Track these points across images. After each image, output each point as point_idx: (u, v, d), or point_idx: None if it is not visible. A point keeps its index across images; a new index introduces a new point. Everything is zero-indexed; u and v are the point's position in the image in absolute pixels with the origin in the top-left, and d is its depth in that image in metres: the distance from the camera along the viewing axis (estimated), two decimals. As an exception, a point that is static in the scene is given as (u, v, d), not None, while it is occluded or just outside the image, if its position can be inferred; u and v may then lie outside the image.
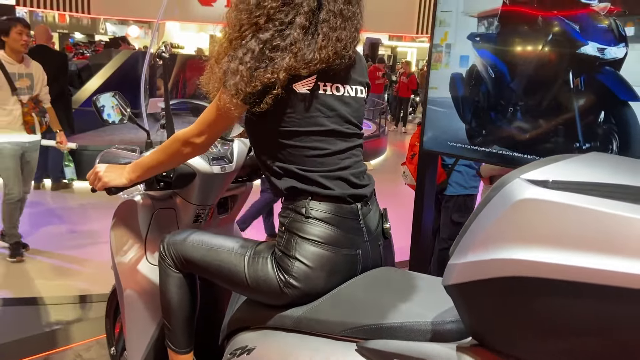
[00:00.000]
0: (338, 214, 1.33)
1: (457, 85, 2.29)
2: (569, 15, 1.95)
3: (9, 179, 3.81)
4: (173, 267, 1.53)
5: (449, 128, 2.32)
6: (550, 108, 2.01)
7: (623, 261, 0.74)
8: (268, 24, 1.28)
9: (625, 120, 1.89)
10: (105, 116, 1.76)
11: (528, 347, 0.88)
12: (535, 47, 2.03)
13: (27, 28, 3.84)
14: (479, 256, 0.87)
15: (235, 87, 1.26)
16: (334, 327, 1.21)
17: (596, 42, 1.94)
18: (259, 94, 1.27)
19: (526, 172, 0.86)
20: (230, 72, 1.28)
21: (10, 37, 3.74)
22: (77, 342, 2.75)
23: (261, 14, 1.28)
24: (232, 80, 1.27)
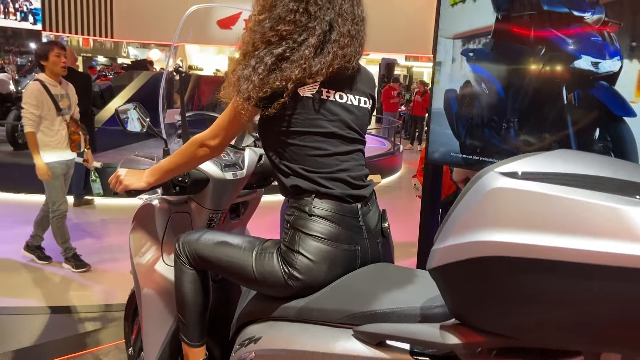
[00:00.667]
0: (339, 212, 1.44)
1: (450, 102, 2.40)
2: (562, 29, 2.03)
3: (58, 196, 3.99)
4: (187, 264, 1.65)
5: (452, 140, 2.42)
6: (545, 124, 2.08)
7: (583, 240, 0.83)
8: (281, 41, 1.41)
9: (620, 136, 1.94)
10: (126, 125, 1.91)
11: (502, 322, 0.96)
12: (528, 62, 2.12)
13: (63, 50, 4.05)
14: (457, 240, 0.97)
15: (248, 93, 1.39)
16: (332, 315, 1.31)
17: (590, 55, 2.02)
18: (268, 99, 1.40)
19: (499, 167, 0.97)
20: (244, 78, 1.40)
21: (50, 60, 3.94)
22: (97, 346, 2.87)
23: (274, 34, 1.41)
24: (244, 85, 1.40)
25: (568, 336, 0.91)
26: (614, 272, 0.81)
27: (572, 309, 0.87)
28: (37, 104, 3.79)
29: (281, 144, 1.48)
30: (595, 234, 0.83)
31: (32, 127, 3.78)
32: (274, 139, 1.49)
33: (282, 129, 1.45)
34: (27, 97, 3.83)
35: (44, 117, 3.83)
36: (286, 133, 1.45)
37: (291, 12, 1.40)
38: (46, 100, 3.86)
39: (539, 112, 2.08)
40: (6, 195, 6.39)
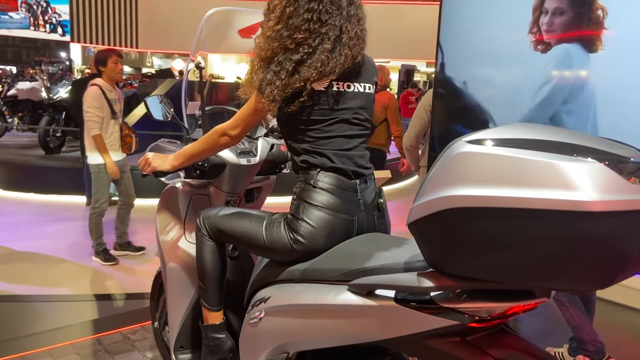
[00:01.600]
0: (340, 187, 1.63)
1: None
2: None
3: (103, 195, 4.29)
4: (207, 237, 1.86)
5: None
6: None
7: (529, 190, 1.01)
8: (298, 47, 1.59)
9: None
10: (153, 114, 2.13)
11: (468, 266, 1.14)
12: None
13: (120, 57, 4.36)
14: (429, 197, 1.15)
15: (273, 95, 1.58)
16: (330, 274, 1.50)
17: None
18: (289, 99, 1.60)
19: (466, 137, 1.15)
20: (266, 82, 1.60)
21: (108, 66, 4.26)
22: (125, 327, 3.10)
23: (291, 41, 1.60)
24: (268, 89, 1.59)
25: (521, 274, 1.07)
26: (553, 215, 0.99)
27: (522, 249, 1.04)
28: (100, 106, 4.08)
29: (298, 131, 1.67)
30: (538, 185, 1.01)
31: (99, 129, 4.07)
32: (292, 128, 1.69)
33: (300, 119, 1.65)
34: (89, 101, 4.09)
35: (104, 119, 4.13)
36: (303, 122, 1.65)
37: (306, 21, 1.59)
38: (104, 104, 4.14)
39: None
40: (39, 196, 6.72)
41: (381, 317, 1.35)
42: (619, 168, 1.00)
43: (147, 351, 2.84)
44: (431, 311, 1.24)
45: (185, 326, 2.15)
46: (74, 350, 2.82)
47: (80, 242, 4.95)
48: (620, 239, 0.98)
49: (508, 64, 2.25)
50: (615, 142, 1.15)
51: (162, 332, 2.45)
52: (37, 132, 8.32)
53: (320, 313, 1.49)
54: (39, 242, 4.83)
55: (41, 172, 7.11)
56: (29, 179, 6.98)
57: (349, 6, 1.64)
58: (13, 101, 9.65)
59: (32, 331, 3.05)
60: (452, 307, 1.21)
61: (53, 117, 8.17)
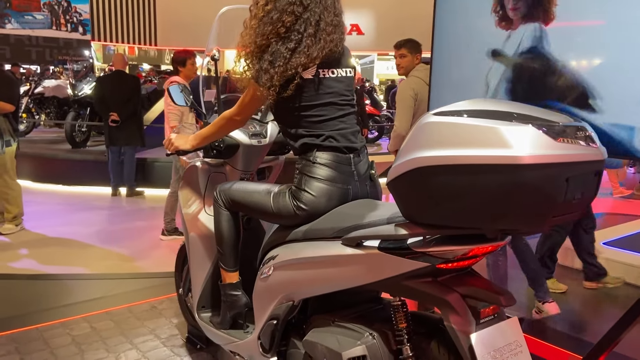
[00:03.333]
0: (335, 161, 1.89)
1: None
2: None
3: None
4: (223, 207, 2.14)
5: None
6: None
7: (476, 150, 1.27)
8: (288, 33, 1.85)
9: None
10: (175, 100, 2.42)
11: (433, 215, 1.39)
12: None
13: (195, 58, 4.82)
14: (401, 160, 1.41)
15: (270, 82, 1.84)
16: (327, 232, 1.76)
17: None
18: (283, 85, 1.85)
19: (434, 110, 1.41)
20: (263, 71, 1.85)
21: (187, 67, 4.73)
22: (153, 297, 3.43)
23: (281, 25, 1.85)
24: (265, 77, 1.84)
25: (474, 218, 1.32)
26: (495, 168, 1.24)
27: (473, 197, 1.29)
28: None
29: (292, 116, 1.93)
30: (483, 145, 1.26)
31: (177, 121, 4.35)
32: (286, 113, 1.95)
33: (293, 105, 1.90)
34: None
35: (183, 113, 4.47)
36: (297, 109, 1.90)
37: (291, 4, 1.83)
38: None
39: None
40: (67, 188, 7.10)
41: (368, 263, 1.61)
42: (549, 130, 1.26)
43: (172, 318, 3.14)
44: (407, 256, 1.50)
45: (206, 288, 2.44)
46: (108, 317, 3.14)
47: (106, 228, 5.31)
48: (548, 186, 1.24)
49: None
50: (552, 110, 1.41)
51: (186, 298, 2.74)
52: (63, 127, 8.72)
53: (318, 264, 1.76)
54: (69, 228, 5.20)
55: (68, 165, 7.50)
56: (57, 171, 7.37)
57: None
58: (40, 98, 10.09)
59: (67, 302, 3.39)
60: (423, 251, 1.47)
61: (78, 112, 8.55)
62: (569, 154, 1.24)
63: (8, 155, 4.82)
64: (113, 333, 2.94)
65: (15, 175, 4.98)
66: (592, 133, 1.33)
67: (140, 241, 4.85)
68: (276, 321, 1.91)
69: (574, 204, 1.32)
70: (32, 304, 3.40)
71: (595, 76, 2.00)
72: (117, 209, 6.29)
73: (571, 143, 1.26)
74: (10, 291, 3.64)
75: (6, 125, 4.74)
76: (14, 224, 5.03)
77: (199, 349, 2.74)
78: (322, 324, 1.81)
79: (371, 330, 1.67)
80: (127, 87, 6.47)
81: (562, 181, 1.24)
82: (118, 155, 6.62)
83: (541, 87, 2.21)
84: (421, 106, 3.71)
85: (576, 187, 1.28)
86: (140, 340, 2.86)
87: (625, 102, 1.92)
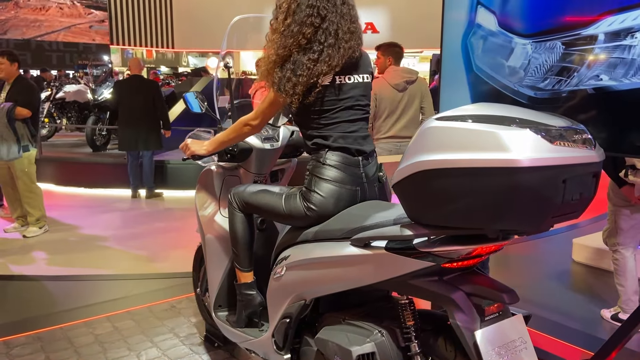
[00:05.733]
0: (345, 163, 1.95)
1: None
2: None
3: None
4: (237, 209, 2.21)
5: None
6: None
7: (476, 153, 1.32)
8: (309, 44, 1.90)
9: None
10: (190, 107, 2.51)
11: (436, 216, 1.44)
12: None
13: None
14: (406, 163, 1.47)
15: (292, 90, 1.90)
16: (336, 233, 1.83)
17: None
18: (305, 92, 1.91)
19: (437, 115, 1.46)
20: (285, 79, 1.91)
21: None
22: (173, 297, 3.52)
23: (302, 37, 1.91)
24: (288, 85, 1.90)
25: (475, 219, 1.37)
26: (493, 171, 1.29)
27: (473, 199, 1.34)
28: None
29: (310, 120, 1.99)
30: (482, 149, 1.31)
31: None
32: (305, 118, 2.01)
33: (312, 110, 1.96)
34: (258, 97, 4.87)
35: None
36: (314, 112, 1.97)
37: (308, 16, 1.89)
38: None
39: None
40: (88, 190, 7.26)
41: (375, 263, 1.67)
42: (546, 134, 1.30)
43: (191, 317, 3.24)
44: (413, 256, 1.56)
45: (222, 288, 2.52)
46: (129, 316, 3.24)
47: (127, 230, 5.44)
48: (545, 188, 1.28)
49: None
50: (551, 114, 1.45)
51: (203, 297, 2.83)
52: (84, 131, 8.90)
53: (328, 264, 1.82)
54: (91, 230, 5.35)
55: (89, 168, 7.66)
56: (78, 174, 7.53)
57: (342, 5, 1.93)
58: (61, 103, 10.30)
59: (90, 302, 3.50)
60: (428, 251, 1.52)
61: (99, 116, 8.73)
62: (565, 157, 1.28)
63: (27, 160, 4.95)
64: (134, 332, 3.04)
65: (35, 179, 5.12)
66: (590, 136, 1.37)
67: (160, 242, 4.96)
68: (289, 319, 1.98)
69: (573, 204, 1.36)
70: (56, 304, 3.52)
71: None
72: (137, 210, 6.42)
73: (568, 146, 1.30)
74: (35, 292, 3.76)
75: (24, 131, 4.87)
76: (38, 226, 5.18)
77: (217, 347, 2.82)
78: (333, 322, 1.87)
79: (380, 327, 1.72)
80: (147, 91, 6.59)
81: (559, 183, 1.28)
82: (137, 158, 6.75)
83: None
84: (381, 104, 4.23)
85: (574, 188, 1.32)
86: (160, 339, 2.95)
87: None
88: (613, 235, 3.21)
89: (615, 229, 3.18)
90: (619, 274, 3.18)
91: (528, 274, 4.23)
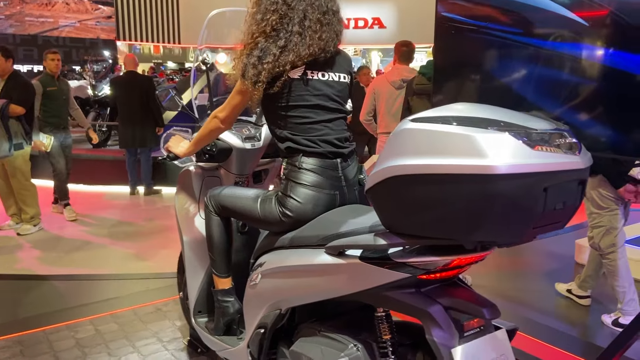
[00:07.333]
0: (322, 166, 1.85)
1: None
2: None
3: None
4: (214, 213, 2.11)
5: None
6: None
7: (450, 159, 1.21)
8: (275, 32, 1.81)
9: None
10: (164, 104, 2.41)
11: (410, 224, 1.33)
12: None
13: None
14: (379, 167, 1.36)
15: (257, 77, 1.80)
16: (311, 239, 1.72)
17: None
18: (271, 82, 1.81)
19: (412, 116, 1.35)
20: (250, 66, 1.82)
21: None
22: (158, 300, 3.44)
23: (266, 24, 1.82)
24: (252, 72, 1.80)
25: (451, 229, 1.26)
26: (468, 178, 1.18)
27: (448, 207, 1.23)
28: None
29: (279, 117, 1.89)
30: (457, 154, 1.20)
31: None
32: (274, 114, 1.91)
33: (280, 104, 1.86)
34: None
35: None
36: (283, 108, 1.86)
37: (273, 3, 1.81)
38: None
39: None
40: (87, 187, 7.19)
41: (349, 273, 1.57)
42: (526, 138, 1.19)
43: (176, 320, 3.15)
44: (387, 266, 1.45)
45: (202, 293, 2.43)
46: (113, 319, 3.16)
47: (123, 228, 5.37)
48: (524, 197, 1.17)
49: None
50: (537, 116, 1.33)
51: (187, 301, 2.73)
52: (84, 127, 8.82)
53: (303, 273, 1.72)
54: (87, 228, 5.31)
55: (89, 165, 7.58)
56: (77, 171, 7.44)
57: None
58: (62, 99, 10.23)
59: (74, 304, 3.42)
60: (403, 261, 1.42)
61: (99, 112, 8.67)
62: (546, 163, 1.17)
63: (21, 157, 4.89)
64: (116, 336, 2.96)
65: (30, 177, 5.05)
66: (575, 140, 1.25)
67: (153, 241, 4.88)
68: (264, 330, 1.88)
69: (556, 213, 1.25)
70: (42, 305, 3.43)
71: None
72: (134, 208, 6.35)
73: (549, 151, 1.19)
74: (22, 293, 3.69)
75: (18, 128, 4.79)
76: (32, 224, 5.12)
77: (200, 352, 2.73)
78: (309, 333, 1.77)
79: (355, 341, 1.62)
80: (140, 88, 6.51)
81: (540, 191, 1.17)
82: (134, 155, 6.68)
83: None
84: (379, 100, 4.55)
85: (557, 196, 1.21)
86: (143, 344, 2.87)
87: None
88: (609, 236, 3.12)
89: (611, 229, 3.11)
90: (619, 275, 3.09)
91: (529, 275, 4.11)
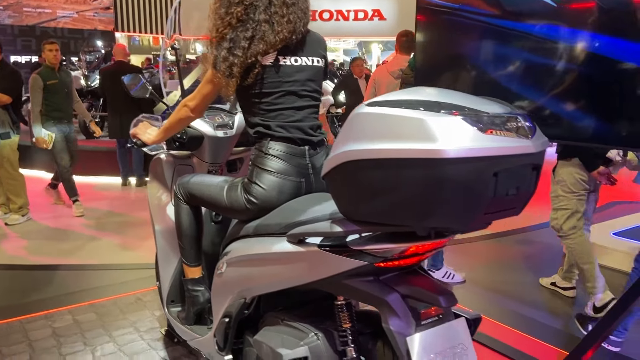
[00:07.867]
0: (289, 153, 1.82)
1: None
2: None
3: None
4: (183, 201, 2.09)
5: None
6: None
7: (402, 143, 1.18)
8: (241, 23, 1.76)
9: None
10: (131, 91, 2.37)
11: (364, 211, 1.30)
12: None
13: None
14: (334, 152, 1.33)
15: (229, 70, 1.78)
16: (274, 228, 1.69)
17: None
18: (244, 73, 1.78)
19: (369, 100, 1.32)
20: (221, 58, 1.79)
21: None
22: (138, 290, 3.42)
23: (231, 17, 1.78)
24: (223, 65, 1.77)
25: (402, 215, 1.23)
26: (418, 163, 1.15)
27: (399, 193, 1.20)
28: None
29: (252, 104, 1.86)
30: (407, 138, 1.17)
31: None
32: (247, 100, 1.87)
33: (252, 92, 1.83)
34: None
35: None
36: (255, 96, 1.83)
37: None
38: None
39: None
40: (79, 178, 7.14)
41: (308, 261, 1.54)
42: (477, 121, 1.15)
43: (155, 310, 3.13)
44: (345, 254, 1.42)
45: (174, 283, 2.41)
46: (92, 309, 3.14)
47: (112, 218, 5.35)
48: (474, 182, 1.14)
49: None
50: (492, 100, 1.30)
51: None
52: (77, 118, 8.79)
53: (265, 261, 1.70)
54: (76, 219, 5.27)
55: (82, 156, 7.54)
56: (71, 162, 7.41)
57: None
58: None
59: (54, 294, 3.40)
60: (360, 249, 1.39)
61: (91, 103, 8.62)
62: (495, 147, 1.14)
63: (9, 147, 4.86)
64: (94, 325, 2.94)
65: (17, 167, 5.03)
66: (529, 124, 1.22)
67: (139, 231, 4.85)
68: (229, 319, 1.86)
69: (509, 199, 1.22)
70: (21, 294, 3.42)
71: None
72: (125, 199, 6.33)
73: (501, 135, 1.16)
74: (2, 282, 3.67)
75: (5, 117, 4.77)
76: (20, 214, 5.10)
77: (176, 342, 2.71)
78: (273, 322, 1.76)
79: (317, 330, 1.60)
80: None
81: (490, 176, 1.14)
82: (124, 145, 6.64)
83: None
84: (379, 89, 4.62)
85: (508, 182, 1.18)
86: (119, 333, 2.85)
87: None
88: (572, 219, 3.18)
89: (575, 212, 3.17)
90: (582, 253, 3.15)
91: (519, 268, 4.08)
